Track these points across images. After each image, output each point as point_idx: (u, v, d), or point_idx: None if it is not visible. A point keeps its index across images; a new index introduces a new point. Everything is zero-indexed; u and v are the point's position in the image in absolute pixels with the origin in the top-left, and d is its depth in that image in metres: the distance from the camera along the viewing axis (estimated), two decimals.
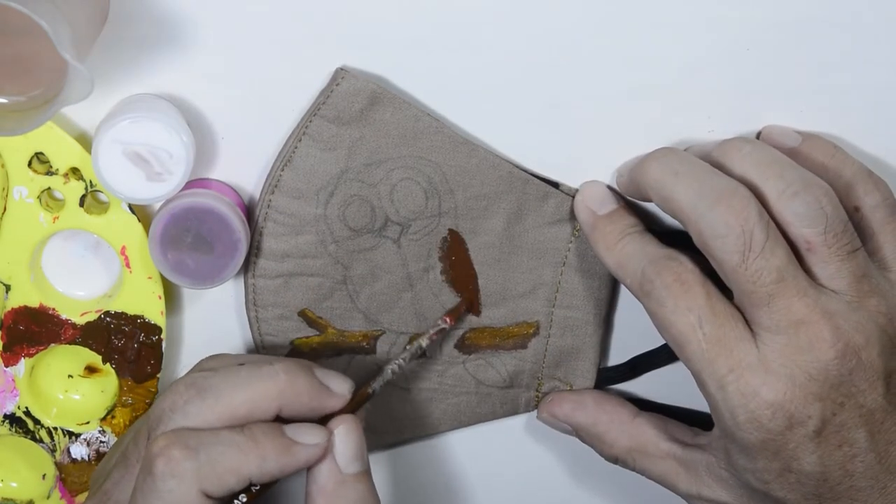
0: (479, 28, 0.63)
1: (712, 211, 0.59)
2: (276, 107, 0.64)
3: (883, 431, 0.59)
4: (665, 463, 0.66)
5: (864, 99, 0.65)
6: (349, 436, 0.59)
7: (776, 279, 0.58)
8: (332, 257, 0.66)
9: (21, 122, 0.55)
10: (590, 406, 0.68)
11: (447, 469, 0.72)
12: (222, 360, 0.62)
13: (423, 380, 0.69)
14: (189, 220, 0.62)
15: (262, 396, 0.58)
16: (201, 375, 0.59)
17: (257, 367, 0.59)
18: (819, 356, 0.58)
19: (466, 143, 0.65)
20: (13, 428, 0.68)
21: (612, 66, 0.64)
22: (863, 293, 0.59)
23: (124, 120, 0.60)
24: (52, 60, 0.55)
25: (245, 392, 0.58)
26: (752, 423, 0.59)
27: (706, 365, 0.59)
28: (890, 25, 0.64)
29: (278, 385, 0.59)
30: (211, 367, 0.61)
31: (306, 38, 0.62)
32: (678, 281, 0.60)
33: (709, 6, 0.63)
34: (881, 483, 0.60)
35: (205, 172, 0.65)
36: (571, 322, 0.68)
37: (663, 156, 0.62)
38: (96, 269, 0.67)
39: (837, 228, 0.59)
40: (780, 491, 0.60)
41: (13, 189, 0.63)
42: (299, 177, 0.64)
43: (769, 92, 0.65)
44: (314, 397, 0.59)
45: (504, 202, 0.66)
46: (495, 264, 0.67)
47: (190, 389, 0.59)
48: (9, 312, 0.66)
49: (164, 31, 0.62)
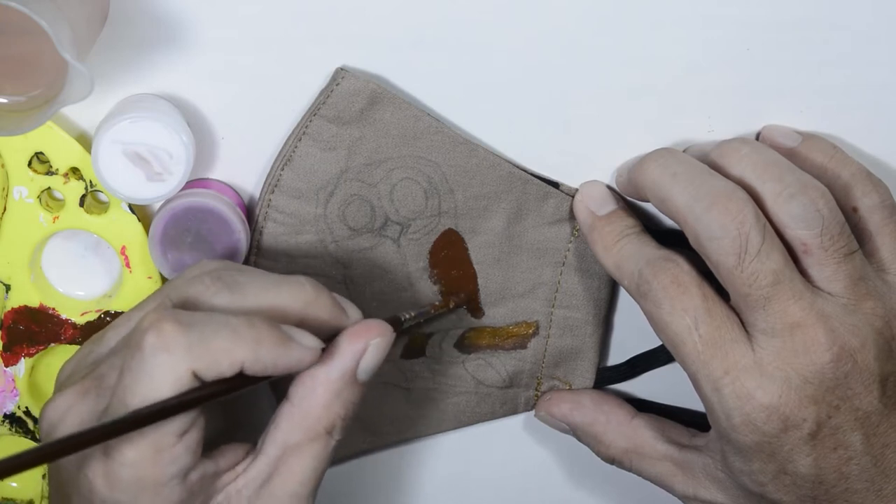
0: (479, 28, 0.63)
1: (708, 213, 0.59)
2: (276, 107, 0.64)
3: (878, 434, 0.59)
4: (662, 464, 0.66)
5: (864, 99, 0.65)
6: (379, 349, 0.57)
7: (772, 282, 0.58)
8: (332, 257, 0.66)
9: (21, 122, 0.55)
10: (587, 406, 0.68)
11: (447, 469, 0.72)
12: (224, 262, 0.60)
13: (423, 379, 0.69)
14: (189, 220, 0.62)
15: (289, 303, 0.56)
16: (227, 272, 0.57)
17: (284, 276, 0.57)
18: (814, 359, 0.58)
19: (466, 143, 0.65)
20: (13, 428, 0.68)
21: (612, 66, 0.64)
22: (859, 296, 0.59)
23: (124, 120, 0.60)
24: (52, 60, 0.55)
25: (273, 294, 0.56)
26: (748, 425, 0.59)
27: (701, 367, 0.59)
28: (890, 25, 0.64)
29: (305, 295, 0.57)
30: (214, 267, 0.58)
31: (306, 38, 0.62)
32: (675, 282, 0.60)
33: (709, 6, 0.63)
34: (877, 485, 0.60)
35: (205, 172, 0.65)
36: (571, 322, 0.68)
37: (661, 157, 0.62)
38: (96, 269, 0.67)
39: (834, 231, 0.59)
40: (775, 493, 0.60)
41: (13, 189, 0.64)
42: (299, 176, 0.64)
43: (769, 92, 0.65)
44: (334, 316, 0.57)
45: (504, 202, 0.66)
46: (495, 264, 0.67)
47: (217, 283, 0.56)
48: (9, 312, 0.66)
49: (164, 31, 0.62)
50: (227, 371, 0.53)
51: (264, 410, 0.60)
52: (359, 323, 0.58)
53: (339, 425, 0.57)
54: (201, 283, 0.56)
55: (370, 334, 0.57)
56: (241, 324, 0.54)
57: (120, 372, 0.53)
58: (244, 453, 0.57)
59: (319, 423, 0.56)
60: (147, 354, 0.52)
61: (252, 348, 0.53)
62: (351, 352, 0.57)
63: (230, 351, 0.53)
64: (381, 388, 0.68)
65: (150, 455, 0.53)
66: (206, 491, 0.56)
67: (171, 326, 0.52)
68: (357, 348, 0.57)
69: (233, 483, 0.56)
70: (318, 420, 0.56)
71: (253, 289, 0.56)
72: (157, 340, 0.52)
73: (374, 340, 0.57)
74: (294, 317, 0.56)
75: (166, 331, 0.52)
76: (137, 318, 0.57)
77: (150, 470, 0.53)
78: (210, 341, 0.53)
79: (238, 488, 0.56)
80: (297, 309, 0.57)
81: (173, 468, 0.53)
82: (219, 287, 0.56)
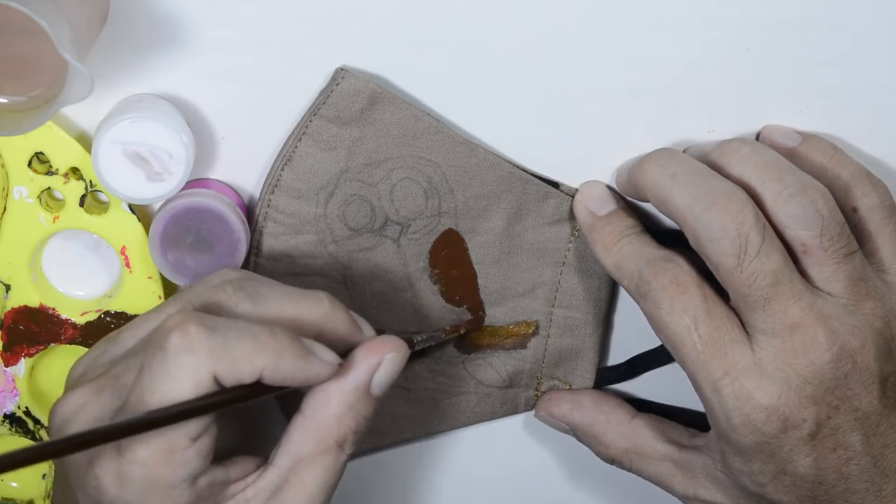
0: (479, 28, 0.63)
1: (708, 213, 0.59)
2: (276, 107, 0.64)
3: (878, 434, 0.59)
4: (661, 464, 0.66)
5: (864, 99, 0.65)
6: (394, 363, 0.58)
7: (772, 282, 0.58)
8: (332, 257, 0.66)
9: (21, 122, 0.56)
10: (587, 406, 0.68)
11: (447, 469, 0.72)
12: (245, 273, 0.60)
13: (423, 379, 0.69)
14: (189, 219, 0.62)
15: (308, 316, 0.57)
16: (249, 283, 0.57)
17: (304, 290, 0.58)
18: (814, 359, 0.58)
19: (466, 143, 0.65)
20: (13, 428, 0.68)
21: (612, 66, 0.64)
22: (859, 296, 0.59)
23: (124, 120, 0.60)
24: (52, 60, 0.55)
25: (293, 307, 0.57)
26: (747, 426, 0.59)
27: (701, 367, 0.59)
28: (890, 25, 0.64)
29: (323, 309, 0.57)
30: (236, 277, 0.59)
31: (306, 38, 0.62)
32: (674, 283, 0.60)
33: (709, 6, 0.63)
34: (876, 486, 0.60)
35: (205, 172, 0.65)
36: (571, 322, 0.68)
37: (661, 157, 0.62)
38: (96, 269, 0.67)
39: (834, 231, 0.59)
40: (775, 493, 0.60)
41: (13, 189, 0.64)
42: (299, 176, 0.64)
43: (769, 92, 0.65)
44: (349, 331, 0.58)
45: (504, 202, 0.66)
46: (495, 264, 0.67)
47: (240, 292, 0.56)
48: (9, 312, 0.66)
49: (164, 31, 0.62)
50: (247, 378, 0.53)
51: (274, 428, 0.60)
52: (375, 338, 0.58)
53: (350, 439, 0.57)
54: (223, 291, 0.57)
55: (385, 349, 0.57)
56: (264, 333, 0.54)
57: (139, 371, 0.54)
58: (255, 465, 0.57)
59: (331, 436, 0.56)
60: (170, 354, 0.52)
61: (273, 357, 0.54)
62: (366, 365, 0.57)
63: (252, 358, 0.53)
64: None
65: (162, 456, 0.53)
66: (215, 498, 0.56)
67: (196, 329, 0.53)
68: (372, 362, 0.57)
69: (242, 493, 0.56)
70: (329, 433, 0.56)
71: (274, 300, 0.57)
72: (181, 341, 0.52)
73: (389, 355, 0.57)
74: (312, 330, 0.57)
75: (191, 332, 0.52)
76: (157, 321, 0.57)
77: (162, 471, 0.53)
78: (233, 347, 0.53)
79: (247, 498, 0.56)
80: (315, 322, 0.57)
81: (184, 471, 0.53)
82: (241, 296, 0.56)
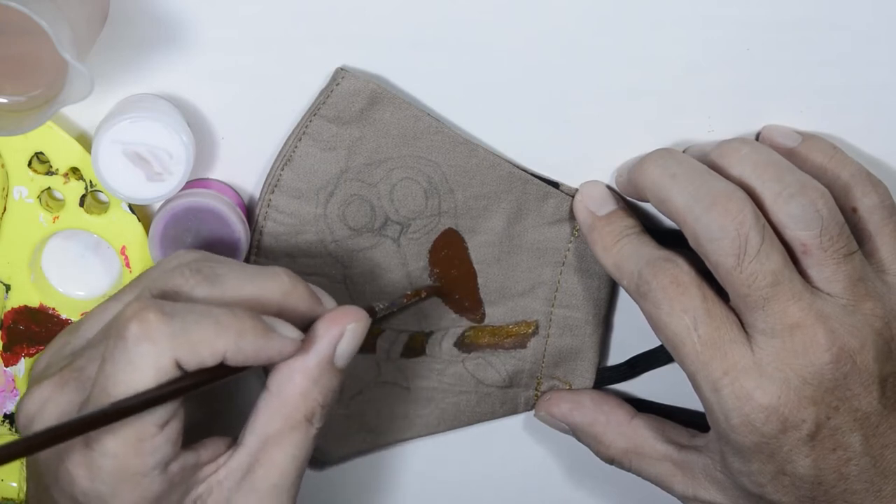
0: (479, 28, 0.63)
1: (708, 214, 0.59)
2: (276, 107, 0.64)
3: (878, 435, 0.59)
4: (661, 464, 0.66)
5: (864, 99, 0.65)
6: (356, 333, 0.57)
7: (771, 283, 0.58)
8: (332, 256, 0.66)
9: (21, 122, 0.56)
10: (587, 406, 0.68)
11: (447, 469, 0.72)
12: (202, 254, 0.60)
13: (423, 379, 0.69)
14: (189, 220, 0.62)
15: (268, 294, 0.57)
16: (206, 264, 0.57)
17: (262, 267, 0.58)
18: (814, 360, 0.58)
19: (466, 142, 0.65)
20: (13, 428, 0.68)
21: (612, 66, 0.64)
22: (859, 296, 0.59)
23: (124, 120, 0.60)
24: (52, 60, 0.55)
25: (252, 286, 0.56)
26: (746, 426, 0.59)
27: (701, 367, 0.59)
28: (890, 25, 0.64)
29: (283, 286, 0.57)
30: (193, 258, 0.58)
31: (306, 38, 0.62)
32: (674, 283, 0.60)
33: (709, 6, 0.63)
34: (876, 486, 0.60)
35: (205, 172, 0.65)
36: (571, 322, 0.68)
37: (660, 157, 0.62)
38: (96, 269, 0.67)
39: (833, 231, 0.59)
40: (774, 494, 0.60)
41: (13, 189, 0.64)
42: (299, 176, 0.64)
43: (769, 92, 0.65)
44: (310, 306, 0.58)
45: (504, 202, 0.66)
46: (495, 263, 0.67)
47: (197, 275, 0.56)
48: (9, 312, 0.66)
49: (164, 31, 0.62)
50: (209, 361, 0.53)
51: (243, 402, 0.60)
52: (335, 310, 0.58)
53: (318, 413, 0.57)
54: (181, 274, 0.56)
55: (346, 319, 0.57)
56: (224, 314, 0.54)
57: (101, 362, 0.54)
58: (226, 446, 0.57)
59: (298, 411, 0.56)
60: (130, 344, 0.52)
61: (234, 338, 0.54)
62: (328, 337, 0.57)
63: (212, 341, 0.53)
64: (381, 387, 0.68)
65: (131, 445, 0.53)
66: (187, 482, 0.56)
67: (155, 316, 0.52)
68: (334, 333, 0.57)
69: (214, 475, 0.56)
70: (296, 408, 0.56)
71: (232, 280, 0.56)
72: (140, 330, 0.52)
73: (351, 325, 0.57)
74: (272, 307, 0.56)
75: (150, 320, 0.52)
76: (115, 309, 0.57)
77: (132, 460, 0.53)
78: (193, 331, 0.53)
79: (219, 479, 0.56)
80: (276, 300, 0.57)
81: (154, 459, 0.54)
82: (198, 279, 0.56)
